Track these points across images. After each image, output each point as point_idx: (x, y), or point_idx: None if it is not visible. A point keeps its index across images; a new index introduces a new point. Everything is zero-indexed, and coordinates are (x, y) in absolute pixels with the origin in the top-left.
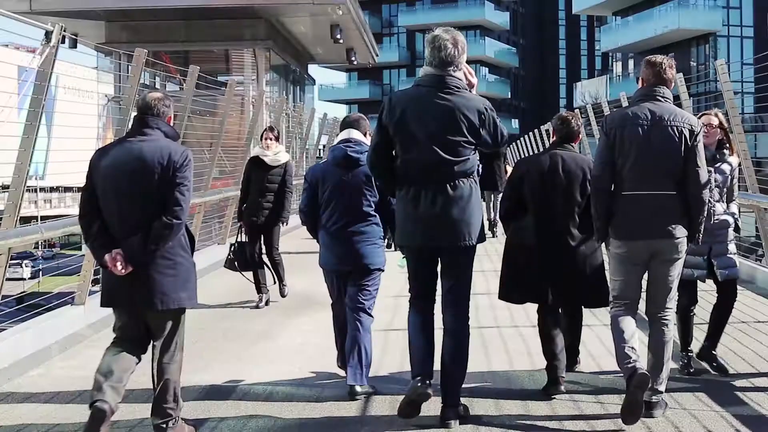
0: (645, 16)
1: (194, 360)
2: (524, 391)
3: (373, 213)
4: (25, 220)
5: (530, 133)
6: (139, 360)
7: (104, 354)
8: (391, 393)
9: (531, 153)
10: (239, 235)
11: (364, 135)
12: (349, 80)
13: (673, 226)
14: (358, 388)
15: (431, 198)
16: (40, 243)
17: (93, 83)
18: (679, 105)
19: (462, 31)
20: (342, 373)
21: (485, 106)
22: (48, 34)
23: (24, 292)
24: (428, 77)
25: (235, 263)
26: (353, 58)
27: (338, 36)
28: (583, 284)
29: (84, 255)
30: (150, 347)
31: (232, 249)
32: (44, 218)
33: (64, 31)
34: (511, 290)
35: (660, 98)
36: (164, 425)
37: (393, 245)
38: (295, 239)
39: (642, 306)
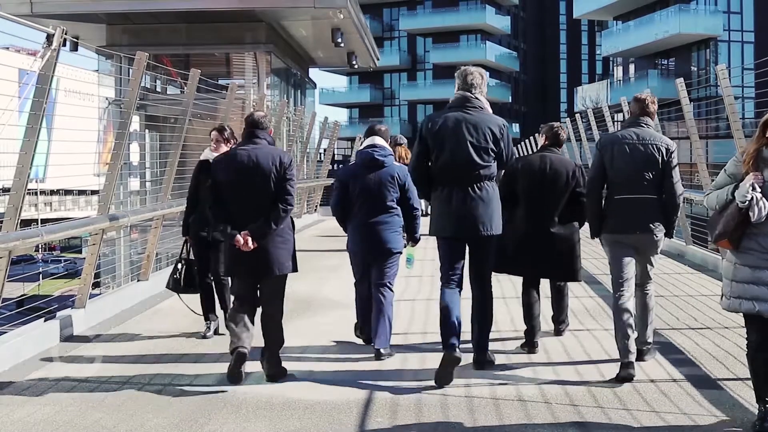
0: (646, 20)
1: (194, 364)
2: (521, 396)
3: (394, 206)
4: (26, 223)
5: (531, 138)
6: (253, 319)
7: (229, 318)
8: (391, 396)
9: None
10: (183, 251)
11: (387, 142)
12: (350, 84)
13: (654, 224)
14: (383, 351)
15: (461, 197)
16: (40, 246)
17: (94, 86)
18: (680, 110)
19: (463, 35)
20: (358, 341)
21: (504, 123)
22: (49, 37)
23: (24, 295)
24: (457, 99)
25: (180, 284)
26: (354, 62)
27: (339, 40)
28: (559, 263)
29: (84, 258)
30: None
31: (178, 268)
32: (45, 221)
33: (66, 34)
34: (503, 264)
35: (643, 125)
36: (276, 375)
37: (409, 241)
38: (299, 241)
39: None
